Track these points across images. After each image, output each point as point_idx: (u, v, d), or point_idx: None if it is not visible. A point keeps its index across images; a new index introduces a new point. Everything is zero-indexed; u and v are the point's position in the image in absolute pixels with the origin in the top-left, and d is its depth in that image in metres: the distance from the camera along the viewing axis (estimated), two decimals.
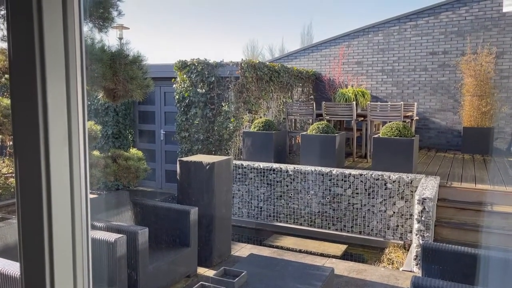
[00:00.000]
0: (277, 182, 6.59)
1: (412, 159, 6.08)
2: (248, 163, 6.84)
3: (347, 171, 6.13)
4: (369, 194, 5.96)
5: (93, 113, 8.77)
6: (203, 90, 7.75)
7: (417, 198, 4.88)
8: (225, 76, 7.65)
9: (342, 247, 5.80)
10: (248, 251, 4.90)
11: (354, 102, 7.85)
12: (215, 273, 3.25)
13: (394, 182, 5.79)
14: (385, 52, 10.44)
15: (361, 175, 6.00)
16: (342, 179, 6.13)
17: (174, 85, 8.06)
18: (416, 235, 4.86)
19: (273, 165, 6.69)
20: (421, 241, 4.65)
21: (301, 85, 10.40)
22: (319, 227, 6.31)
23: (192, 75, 7.84)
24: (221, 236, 4.58)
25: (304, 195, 6.41)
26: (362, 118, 8.00)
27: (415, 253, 4.78)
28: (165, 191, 8.60)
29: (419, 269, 4.53)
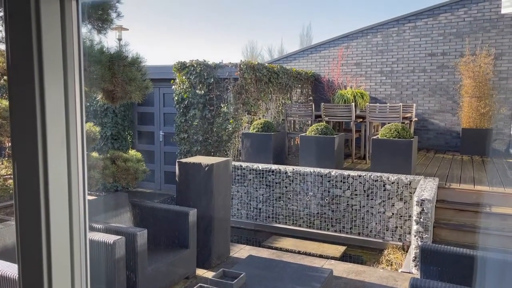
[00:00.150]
0: (276, 183, 6.58)
1: (411, 160, 6.08)
2: (247, 164, 6.84)
3: (346, 173, 6.13)
4: (368, 195, 5.96)
5: (92, 114, 8.76)
6: (202, 92, 7.75)
7: (415, 199, 4.88)
8: (224, 77, 7.65)
9: (341, 249, 5.80)
10: (247, 252, 4.90)
11: (353, 103, 7.85)
12: (214, 274, 3.24)
13: (393, 183, 5.79)
14: (384, 53, 10.45)
15: (360, 176, 6.00)
16: (341, 181, 6.14)
17: (173, 87, 8.06)
18: (415, 236, 4.86)
19: (272, 166, 6.69)
20: (419, 243, 4.64)
21: (300, 86, 10.40)
22: (318, 229, 6.31)
23: (191, 77, 7.84)
24: (220, 237, 4.57)
25: (303, 196, 6.41)
26: (361, 119, 8.00)
27: (413, 254, 4.78)
28: (164, 193, 8.59)
29: (417, 270, 4.53)
